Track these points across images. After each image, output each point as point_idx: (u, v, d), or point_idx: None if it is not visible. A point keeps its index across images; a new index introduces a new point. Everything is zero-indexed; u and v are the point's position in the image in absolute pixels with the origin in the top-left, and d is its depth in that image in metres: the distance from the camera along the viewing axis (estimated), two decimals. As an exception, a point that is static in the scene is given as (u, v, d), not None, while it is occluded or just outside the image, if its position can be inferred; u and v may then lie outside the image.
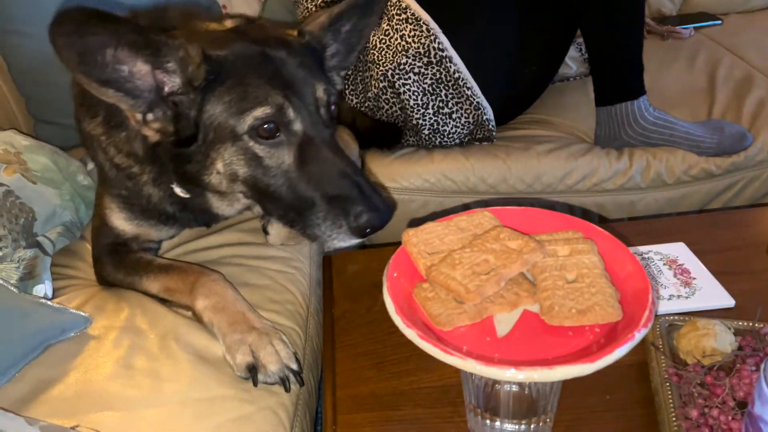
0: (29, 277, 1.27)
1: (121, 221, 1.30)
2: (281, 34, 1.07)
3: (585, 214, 1.84)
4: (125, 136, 1.16)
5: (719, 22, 2.45)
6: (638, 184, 1.79)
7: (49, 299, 1.25)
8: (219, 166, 0.99)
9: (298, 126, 0.97)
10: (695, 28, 2.39)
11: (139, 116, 0.97)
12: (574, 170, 1.78)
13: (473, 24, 1.77)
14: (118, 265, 1.29)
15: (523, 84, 1.93)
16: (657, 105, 1.81)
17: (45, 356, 1.10)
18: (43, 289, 1.26)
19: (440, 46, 1.69)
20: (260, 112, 0.94)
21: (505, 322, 0.71)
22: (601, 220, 1.84)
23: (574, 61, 2.13)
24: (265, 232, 1.40)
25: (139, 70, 0.93)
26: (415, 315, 0.73)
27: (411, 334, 0.67)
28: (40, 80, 1.82)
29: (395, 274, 0.76)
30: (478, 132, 1.83)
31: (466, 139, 1.85)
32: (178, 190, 1.15)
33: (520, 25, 1.81)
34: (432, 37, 1.69)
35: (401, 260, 0.79)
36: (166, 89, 0.96)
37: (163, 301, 1.24)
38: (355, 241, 0.95)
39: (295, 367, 1.07)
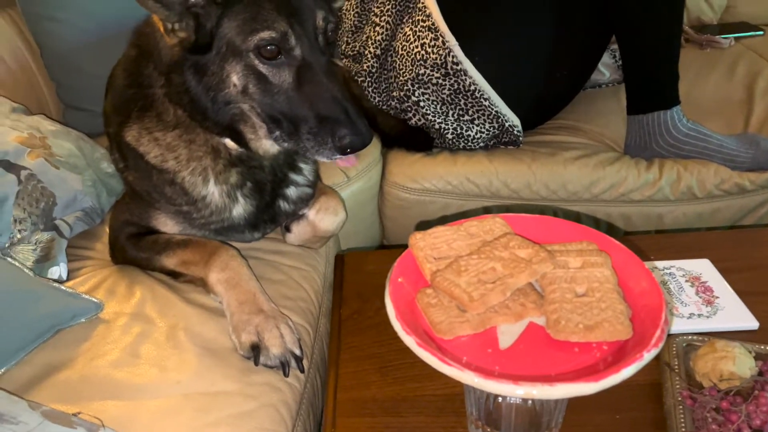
0: (45, 259, 1.28)
1: (172, 229, 1.30)
2: None
3: (610, 229, 1.79)
4: (156, 112, 1.19)
5: (761, 33, 2.37)
6: (667, 196, 1.73)
7: (64, 281, 1.26)
8: (234, 79, 1.07)
9: (297, 51, 1.06)
10: (735, 38, 2.31)
11: (169, 25, 1.07)
12: (600, 179, 1.73)
13: (504, 27, 1.75)
14: (136, 245, 1.30)
15: (553, 89, 1.88)
16: (692, 116, 1.75)
17: (54, 340, 1.11)
18: (57, 271, 1.27)
19: (455, 60, 1.67)
20: (266, 35, 1.04)
21: (508, 333, 0.68)
22: (626, 234, 1.79)
23: (607, 68, 2.08)
24: (287, 230, 1.40)
25: None
26: (417, 321, 0.71)
27: (409, 341, 0.65)
28: (71, 67, 1.85)
29: (399, 278, 0.74)
30: (504, 136, 1.80)
31: (492, 142, 1.82)
32: (227, 142, 1.18)
33: (553, 30, 1.77)
34: (447, 50, 1.67)
35: (407, 264, 0.77)
36: (191, 0, 1.05)
37: (176, 277, 1.25)
38: (336, 157, 1.06)
39: (297, 352, 1.08)
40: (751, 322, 1.01)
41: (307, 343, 1.18)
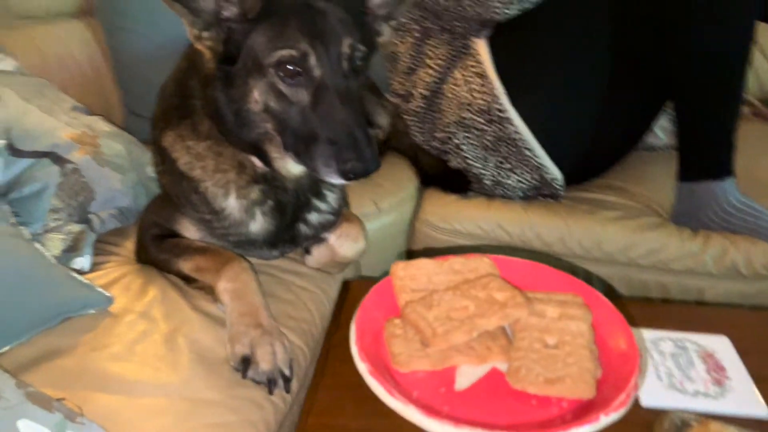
0: (72, 249, 1.34)
1: (193, 235, 1.34)
2: None
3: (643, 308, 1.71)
4: (192, 122, 1.25)
5: (838, 112, 2.24)
6: (709, 270, 1.64)
7: (85, 272, 1.31)
8: (256, 94, 1.10)
9: (317, 73, 1.08)
10: (809, 116, 2.20)
11: (196, 32, 1.10)
12: (639, 243, 1.67)
13: (554, 78, 1.73)
14: (159, 246, 1.34)
15: (601, 146, 1.84)
16: (747, 191, 1.67)
17: (60, 326, 1.14)
18: (81, 262, 1.33)
19: (500, 107, 1.67)
20: (286, 53, 1.06)
21: (468, 375, 0.66)
22: (664, 301, 1.70)
23: (663, 132, 2.02)
24: (307, 252, 1.41)
25: None
26: (379, 351, 0.69)
27: (362, 367, 0.63)
28: (139, 76, 1.95)
29: (371, 305, 0.73)
30: (544, 188, 1.77)
31: (531, 193, 1.79)
32: (254, 159, 1.21)
33: (606, 85, 1.74)
34: (494, 97, 1.67)
35: (383, 292, 0.76)
36: (224, 14, 1.10)
37: (189, 282, 1.27)
38: (338, 180, 1.06)
39: (287, 372, 1.08)
40: (759, 410, 0.93)
41: (302, 365, 1.17)
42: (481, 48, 1.77)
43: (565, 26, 1.74)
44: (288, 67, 1.07)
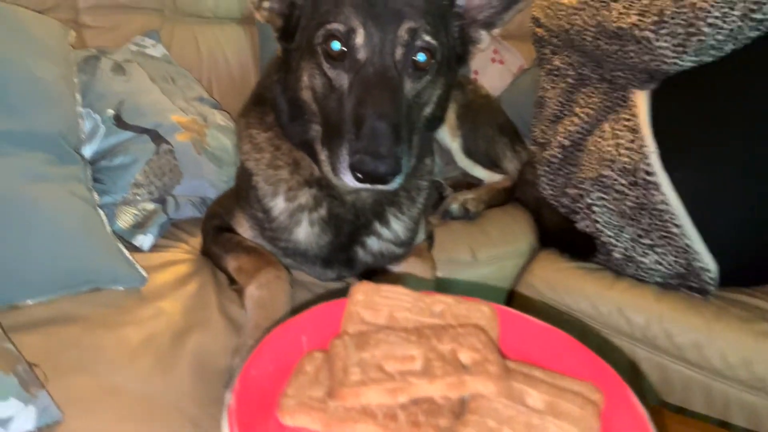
0: (140, 226, 1.31)
1: (245, 232, 1.26)
2: None
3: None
4: (261, 110, 1.19)
5: None
6: None
7: (143, 251, 1.27)
8: (305, 78, 1.00)
9: (362, 54, 0.95)
10: None
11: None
12: (806, 375, 1.24)
13: (728, 147, 1.38)
14: (215, 239, 1.27)
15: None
16: None
17: (90, 293, 1.09)
18: (142, 240, 1.29)
19: (648, 169, 1.37)
20: (333, 26, 0.95)
21: (369, 455, 0.43)
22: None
23: None
24: None
25: None
26: (279, 386, 0.49)
27: (227, 397, 0.44)
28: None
29: (299, 326, 0.54)
30: (691, 279, 1.41)
31: (672, 281, 1.44)
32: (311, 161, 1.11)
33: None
34: (642, 156, 1.37)
35: (330, 315, 0.56)
36: None
37: (232, 283, 1.18)
38: (348, 179, 0.90)
39: None
40: None
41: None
42: (640, 100, 1.49)
43: (755, 86, 1.40)
44: (333, 46, 0.95)
